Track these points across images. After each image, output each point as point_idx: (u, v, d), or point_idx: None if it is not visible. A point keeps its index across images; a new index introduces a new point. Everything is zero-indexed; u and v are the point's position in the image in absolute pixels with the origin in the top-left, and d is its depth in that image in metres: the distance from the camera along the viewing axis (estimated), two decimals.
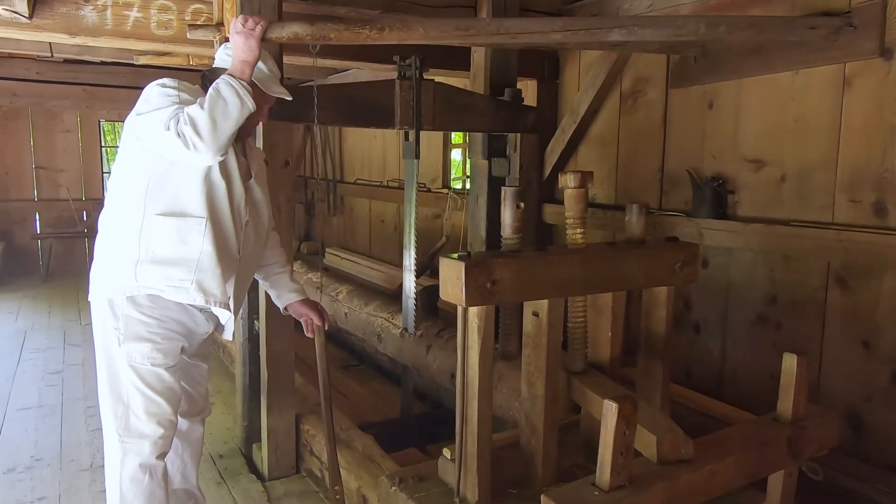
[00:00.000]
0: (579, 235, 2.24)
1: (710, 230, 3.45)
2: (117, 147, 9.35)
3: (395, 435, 3.88)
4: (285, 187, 3.04)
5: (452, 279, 2.02)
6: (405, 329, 3.52)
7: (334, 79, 7.50)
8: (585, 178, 2.15)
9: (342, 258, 7.86)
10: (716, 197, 3.47)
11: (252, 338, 3.33)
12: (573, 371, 2.32)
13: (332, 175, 8.34)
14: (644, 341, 2.49)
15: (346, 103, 3.04)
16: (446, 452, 2.31)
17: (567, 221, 2.25)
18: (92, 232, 8.68)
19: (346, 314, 4.23)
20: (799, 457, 2.00)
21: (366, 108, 3.07)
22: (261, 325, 3.16)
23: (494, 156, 3.78)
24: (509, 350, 2.23)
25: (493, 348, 2.12)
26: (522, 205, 2.11)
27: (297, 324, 2.70)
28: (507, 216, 2.11)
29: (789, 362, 1.99)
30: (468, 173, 5.67)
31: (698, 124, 3.63)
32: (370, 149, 7.62)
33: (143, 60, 4.22)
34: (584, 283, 2.21)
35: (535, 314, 2.21)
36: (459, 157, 6.92)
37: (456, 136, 6.24)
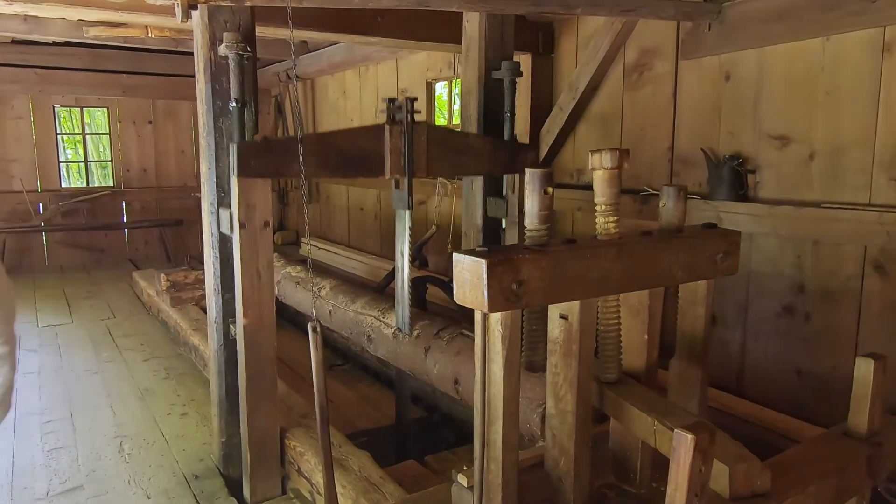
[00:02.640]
0: (612, 225, 1.92)
1: (730, 213, 3.17)
2: (76, 134, 8.82)
3: (389, 444, 3.56)
4: (266, 251, 2.73)
5: (470, 280, 1.69)
6: (399, 329, 3.18)
7: (307, 59, 7.07)
8: (622, 157, 1.82)
9: (320, 248, 7.48)
10: (735, 177, 3.19)
11: (228, 344, 2.97)
12: (606, 381, 2.01)
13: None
14: (679, 343, 2.20)
15: (332, 154, 2.73)
16: (462, 479, 2.00)
17: (597, 209, 1.93)
18: (50, 226, 8.17)
19: (330, 312, 3.88)
20: (876, 477, 1.72)
21: (353, 158, 2.75)
22: (238, 329, 2.80)
23: (491, 195, 3.49)
24: (536, 360, 1.93)
25: (519, 361, 1.80)
26: (551, 190, 1.78)
27: (280, 323, 2.35)
28: (533, 203, 1.78)
29: (864, 367, 1.71)
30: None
31: (713, 99, 3.34)
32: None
33: (93, 33, 3.77)
34: (621, 279, 1.90)
35: (564, 317, 1.90)
36: None
37: (440, 108, 5.89)
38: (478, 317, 1.79)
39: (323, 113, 7.76)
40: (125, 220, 8.68)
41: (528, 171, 1.78)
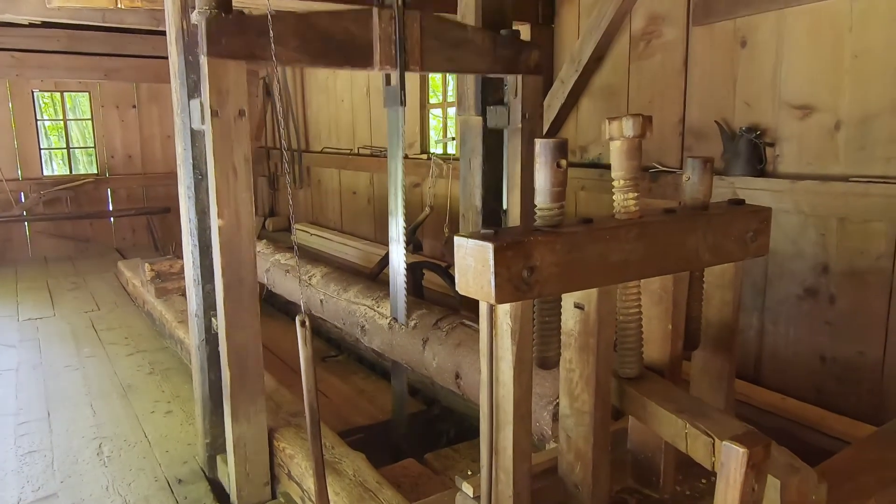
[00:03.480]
0: (632, 202, 1.70)
1: (748, 190, 2.95)
2: (58, 120, 8.52)
3: (386, 440, 3.36)
4: (242, 144, 2.41)
5: (475, 267, 1.48)
6: (394, 319, 2.97)
7: None
8: (645, 124, 1.60)
9: (311, 234, 7.25)
10: (752, 151, 2.97)
11: (210, 339, 2.75)
12: (626, 377, 1.80)
13: (297, 144, 7.67)
14: (705, 332, 1.99)
15: (313, 38, 2.41)
16: (466, 488, 1.80)
17: (614, 184, 1.71)
18: (32, 215, 7.90)
19: (321, 301, 3.66)
20: None
21: (337, 43, 2.44)
22: (219, 322, 2.58)
23: (490, 104, 3.20)
24: (549, 356, 1.72)
25: (531, 358, 1.59)
26: (565, 163, 1.56)
27: (271, 312, 2.11)
28: (545, 178, 1.56)
29: None
30: (453, 134, 5.10)
31: (728, 67, 3.11)
32: (337, 113, 6.96)
33: (57, 2, 3.50)
34: (642, 263, 1.68)
35: (580, 307, 1.69)
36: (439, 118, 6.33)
37: (434, 89, 5.64)
38: (483, 308, 1.58)
39: (312, 93, 7.49)
40: (111, 209, 8.42)
41: (538, 142, 1.56)
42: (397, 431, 3.37)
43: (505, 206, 3.32)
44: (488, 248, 1.43)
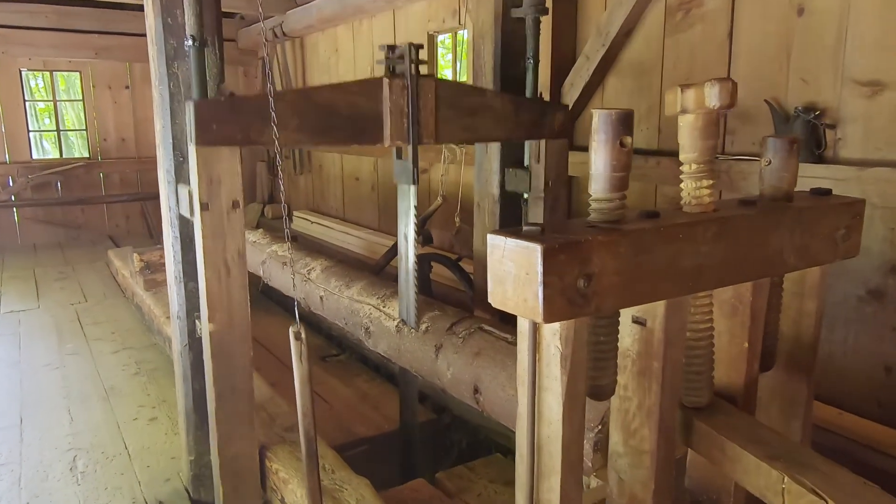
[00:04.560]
0: (706, 192, 1.36)
1: (805, 178, 2.58)
2: (47, 101, 8.16)
3: (392, 453, 3.04)
4: (236, 238, 2.12)
5: (516, 275, 1.15)
6: (403, 321, 2.65)
7: (295, 14, 6.42)
8: (735, 92, 1.26)
9: (312, 223, 6.92)
10: (810, 134, 2.62)
11: (194, 343, 2.43)
12: (694, 407, 1.47)
13: None
14: (781, 347, 1.66)
15: (318, 115, 2.10)
16: None
17: (684, 168, 1.38)
18: (20, 200, 7.56)
19: (321, 298, 3.33)
20: None
21: (343, 119, 2.13)
22: (203, 325, 2.25)
23: (509, 166, 2.90)
24: (603, 385, 1.39)
25: (584, 390, 1.26)
26: (630, 140, 1.22)
27: (268, 306, 1.80)
28: (605, 160, 1.22)
29: None
30: None
31: (781, 38, 2.75)
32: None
33: None
34: (720, 268, 1.35)
35: (640, 322, 1.35)
36: None
37: (444, 69, 5.28)
38: (524, 326, 1.24)
39: (313, 73, 7.12)
40: (103, 194, 8.08)
41: (596, 113, 1.21)
42: (405, 444, 3.06)
43: (526, 195, 2.98)
44: (535, 250, 1.09)
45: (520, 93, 2.72)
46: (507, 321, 2.53)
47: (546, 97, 3.12)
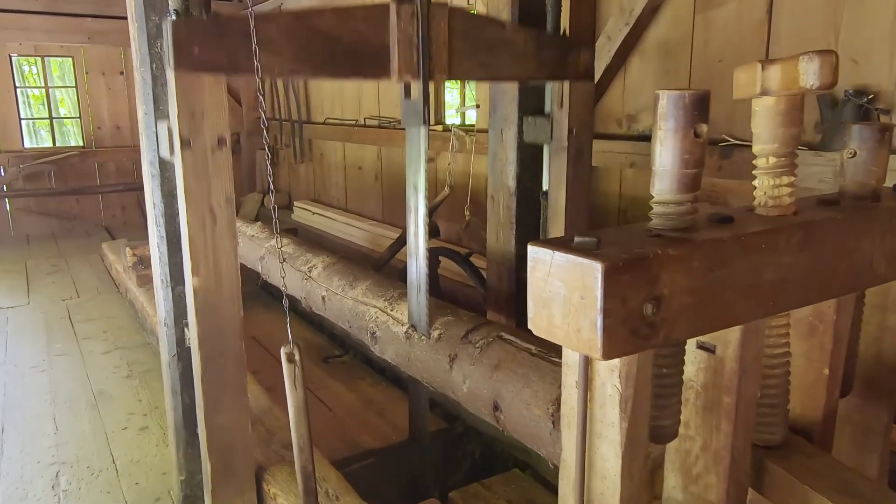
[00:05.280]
0: (786, 190, 1.13)
1: None
2: (39, 87, 7.91)
3: (401, 467, 2.83)
4: (223, 181, 1.87)
5: (566, 297, 0.92)
6: (413, 327, 2.42)
7: None
8: (835, 67, 1.02)
9: (314, 213, 6.68)
10: (861, 120, 2.37)
11: (183, 354, 2.21)
12: (765, 445, 1.24)
13: (297, 115, 7.05)
14: (858, 368, 1.43)
15: (315, 42, 1.83)
16: None
17: (758, 163, 1.15)
18: (12, 189, 7.33)
19: (323, 298, 3.11)
20: None
21: (345, 48, 1.86)
22: (192, 334, 2.02)
23: (528, 114, 2.64)
24: (665, 426, 1.16)
25: (647, 438, 1.03)
26: (705, 128, 0.98)
27: (267, 301, 1.58)
28: (673, 154, 0.98)
29: None
30: (476, 102, 4.49)
31: (828, 14, 2.50)
32: (341, 82, 6.33)
33: None
34: (804, 283, 1.12)
35: (708, 349, 1.13)
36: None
37: None
38: (571, 357, 1.02)
39: None
40: (98, 184, 7.84)
41: (663, 94, 0.98)
42: (414, 456, 2.84)
43: (546, 187, 2.74)
44: (594, 269, 0.86)
45: (542, 29, 2.45)
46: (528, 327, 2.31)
47: (585, 119, 2.82)
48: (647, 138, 3.32)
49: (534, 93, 2.60)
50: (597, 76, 3.40)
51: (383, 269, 4.43)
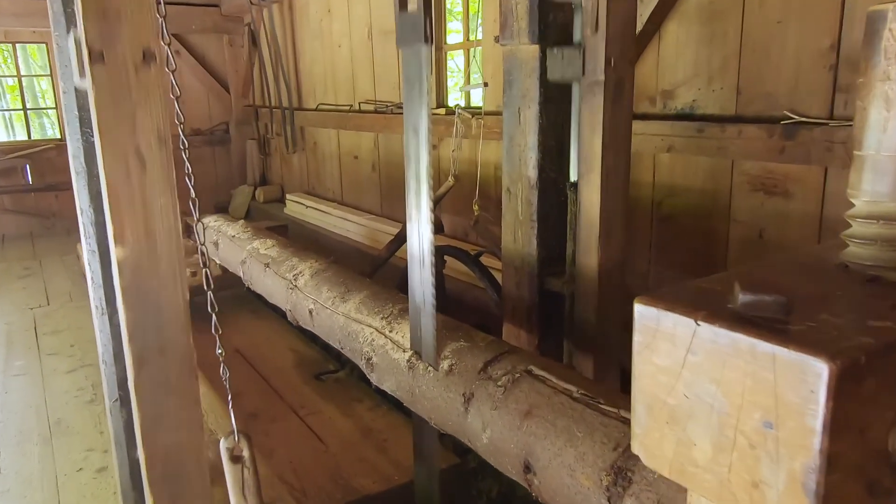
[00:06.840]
0: None
1: None
2: (10, 76, 7.41)
3: None
4: (152, 110, 1.35)
5: (729, 417, 0.44)
6: (417, 354, 1.97)
7: None
8: None
9: (307, 207, 6.22)
10: None
11: (126, 398, 1.75)
12: None
13: (288, 101, 6.56)
14: None
15: None
16: None
17: None
18: None
19: (311, 312, 2.65)
20: None
21: None
22: (121, 323, 1.53)
23: (551, 44, 2.10)
24: None
25: None
26: None
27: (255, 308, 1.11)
28: None
29: None
30: (485, 80, 3.99)
31: None
32: (334, 62, 5.85)
33: None
34: None
35: None
36: (460, 60, 5.25)
37: (454, 17, 4.52)
38: None
39: (304, 39, 6.36)
40: None
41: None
42: (421, 500, 2.39)
43: (574, 178, 2.27)
44: (815, 370, 0.39)
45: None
46: (632, 448, 1.85)
47: (625, 45, 2.29)
48: (686, 117, 2.85)
49: (558, 11, 2.05)
50: None
51: (382, 269, 3.98)
